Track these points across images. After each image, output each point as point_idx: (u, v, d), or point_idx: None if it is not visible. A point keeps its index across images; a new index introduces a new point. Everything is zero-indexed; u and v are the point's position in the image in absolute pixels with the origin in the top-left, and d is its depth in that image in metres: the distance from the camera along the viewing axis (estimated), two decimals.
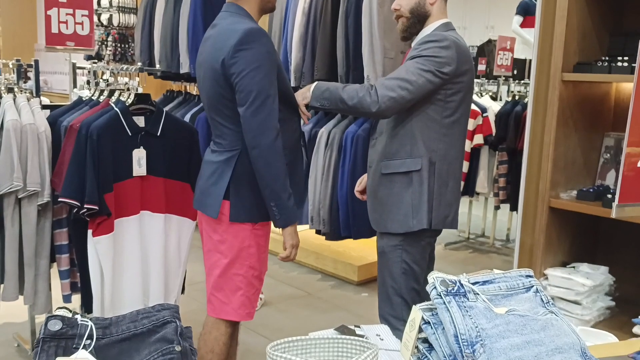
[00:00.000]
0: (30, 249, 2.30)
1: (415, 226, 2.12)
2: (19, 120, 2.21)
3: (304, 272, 4.16)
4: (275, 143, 1.88)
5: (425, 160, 2.10)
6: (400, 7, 2.14)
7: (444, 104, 2.07)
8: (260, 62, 1.86)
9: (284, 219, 1.97)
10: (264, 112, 1.86)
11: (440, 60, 2.01)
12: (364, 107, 2.01)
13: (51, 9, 2.53)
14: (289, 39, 3.83)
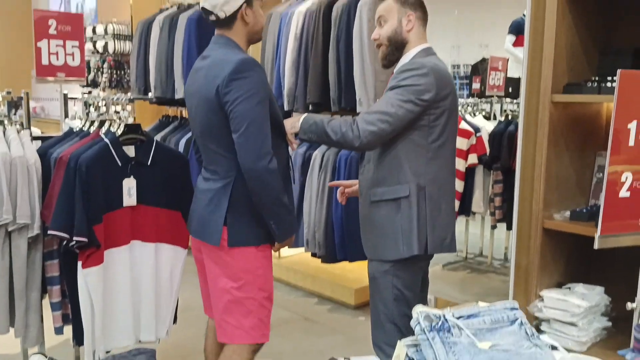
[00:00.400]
0: (21, 281, 2.29)
1: (405, 253, 2.11)
2: (9, 153, 2.22)
3: (300, 296, 4.13)
4: (270, 166, 1.94)
5: (413, 185, 2.10)
6: (379, 36, 2.20)
7: (428, 129, 2.08)
8: (254, 90, 1.92)
9: (284, 233, 2.07)
10: (258, 137, 1.92)
11: (419, 88, 2.03)
12: (347, 142, 2.05)
13: (41, 41, 2.54)
14: (281, 63, 3.86)
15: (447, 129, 2.12)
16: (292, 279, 4.29)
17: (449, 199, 2.22)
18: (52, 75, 2.62)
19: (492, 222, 4.53)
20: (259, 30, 2.11)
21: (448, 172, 2.19)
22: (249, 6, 2.03)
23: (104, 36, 5.61)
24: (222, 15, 1.99)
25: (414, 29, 2.17)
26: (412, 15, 2.16)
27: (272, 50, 3.97)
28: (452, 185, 2.24)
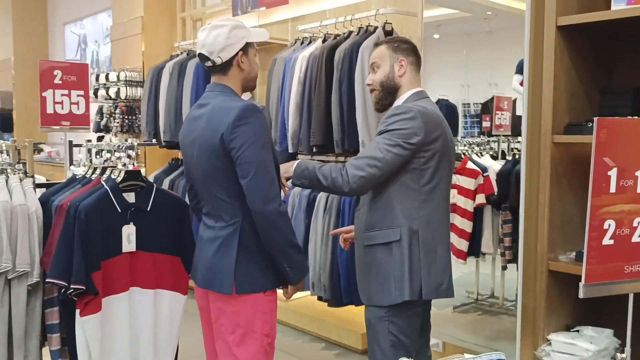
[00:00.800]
0: (20, 330, 2.29)
1: (397, 298, 2.08)
2: (10, 202, 2.25)
3: (307, 341, 4.07)
4: (280, 208, 1.97)
5: (405, 229, 2.09)
6: (372, 81, 2.24)
7: (419, 172, 2.09)
8: (258, 135, 1.96)
9: (298, 275, 2.08)
10: (266, 181, 1.95)
11: (407, 132, 2.04)
12: (337, 187, 2.07)
13: (46, 91, 2.61)
14: (286, 107, 3.90)
15: (439, 172, 2.13)
16: (299, 322, 4.23)
17: (445, 242, 2.20)
18: (56, 124, 2.68)
19: (502, 263, 4.46)
20: (253, 77, 2.16)
21: (442, 215, 2.18)
22: (245, 54, 2.08)
23: (116, 83, 5.74)
24: (219, 61, 2.04)
25: (406, 74, 2.21)
26: (404, 60, 2.20)
27: (277, 93, 4.03)
28: (447, 228, 2.23)
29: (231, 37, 2.03)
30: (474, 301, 4.87)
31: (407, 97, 2.20)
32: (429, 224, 2.12)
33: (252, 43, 2.12)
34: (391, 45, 2.23)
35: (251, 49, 2.12)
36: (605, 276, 1.50)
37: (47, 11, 9.52)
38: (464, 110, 6.16)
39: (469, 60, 9.12)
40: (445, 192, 2.20)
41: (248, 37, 2.08)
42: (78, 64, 2.72)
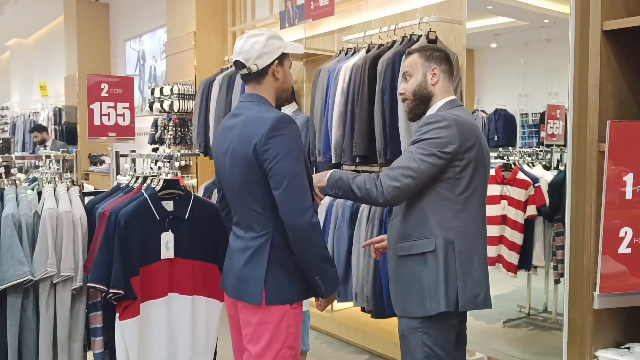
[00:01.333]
0: (64, 332, 2.37)
1: (432, 309, 2.04)
2: (56, 209, 2.34)
3: (351, 352, 4.04)
4: (313, 220, 1.97)
5: (440, 240, 2.05)
6: (404, 90, 2.22)
7: (454, 181, 2.05)
8: (292, 147, 1.96)
9: (330, 287, 2.07)
10: (299, 193, 1.96)
11: (441, 141, 2.01)
12: (371, 198, 2.05)
13: (94, 103, 2.72)
14: (329, 117, 3.91)
15: (474, 181, 2.08)
16: (343, 333, 4.21)
17: (481, 253, 2.15)
18: (103, 135, 2.79)
19: (555, 277, 4.30)
20: (287, 88, 2.16)
21: (478, 225, 2.13)
22: (280, 64, 2.10)
23: (170, 96, 5.92)
24: (254, 69, 2.05)
25: (438, 83, 2.18)
26: (437, 69, 2.18)
27: (321, 104, 4.05)
28: (483, 239, 2.18)
29: (268, 46, 2.05)
30: (525, 316, 4.71)
31: (441, 106, 2.17)
32: (465, 234, 2.08)
33: (287, 54, 2.14)
34: (423, 54, 2.21)
35: (286, 60, 2.14)
36: (623, 287, 1.41)
37: (110, 29, 9.94)
38: (522, 120, 6.01)
39: (528, 70, 8.92)
40: (481, 202, 2.16)
41: (284, 47, 2.11)
42: (124, 77, 2.83)
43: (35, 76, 13.34)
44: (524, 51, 6.30)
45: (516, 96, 6.38)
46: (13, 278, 2.21)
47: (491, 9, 4.76)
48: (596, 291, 1.44)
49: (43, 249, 2.29)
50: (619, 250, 1.44)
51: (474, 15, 4.94)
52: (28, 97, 13.17)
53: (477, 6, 4.64)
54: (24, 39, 14.16)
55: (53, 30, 12.22)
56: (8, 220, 2.25)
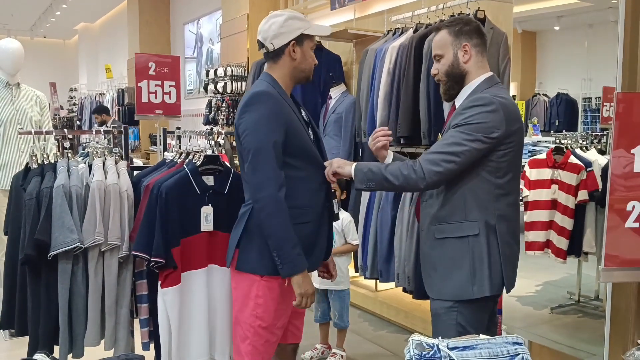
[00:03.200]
0: (111, 298, 2.51)
1: (476, 293, 2.03)
2: (104, 181, 2.47)
3: (392, 331, 4.07)
4: (277, 195, 1.99)
5: (482, 223, 2.02)
6: (437, 71, 2.15)
7: (496, 165, 2.01)
8: (261, 122, 2.01)
9: (287, 269, 2.02)
10: (263, 167, 2.00)
11: (488, 126, 1.95)
12: (410, 185, 2.01)
13: (142, 82, 2.82)
14: (375, 98, 3.92)
15: (513, 165, 2.05)
16: (385, 313, 4.24)
17: (517, 236, 2.12)
18: (151, 113, 2.90)
19: None
20: (305, 69, 2.17)
21: (515, 209, 2.10)
22: (299, 44, 2.12)
23: (223, 78, 6.04)
24: (271, 48, 2.11)
25: (471, 59, 2.10)
26: (468, 45, 2.09)
27: (367, 85, 4.05)
28: (518, 222, 2.15)
29: (285, 26, 2.08)
30: (574, 303, 4.60)
31: (479, 84, 2.09)
32: (504, 218, 2.05)
33: (310, 36, 2.14)
34: (452, 30, 2.11)
35: (308, 41, 2.15)
36: (630, 261, 1.37)
37: (170, 12, 10.20)
38: (584, 104, 5.82)
39: (592, 53, 8.58)
40: (517, 185, 2.12)
41: (305, 29, 2.12)
42: (170, 56, 2.93)
43: (101, 59, 13.86)
44: (588, 34, 6.08)
45: (579, 80, 6.17)
46: (63, 245, 2.35)
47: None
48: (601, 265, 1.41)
49: (91, 218, 2.42)
50: (626, 224, 1.40)
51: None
52: (95, 79, 13.71)
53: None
54: (91, 22, 14.71)
55: (118, 15, 12.64)
56: (59, 190, 2.39)
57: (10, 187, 2.65)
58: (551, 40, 5.47)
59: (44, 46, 16.49)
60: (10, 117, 4.06)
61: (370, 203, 4.00)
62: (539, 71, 5.30)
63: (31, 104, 4.20)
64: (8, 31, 14.58)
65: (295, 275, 2.03)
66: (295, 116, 2.11)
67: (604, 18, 5.21)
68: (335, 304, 3.46)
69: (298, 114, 2.15)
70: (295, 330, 2.37)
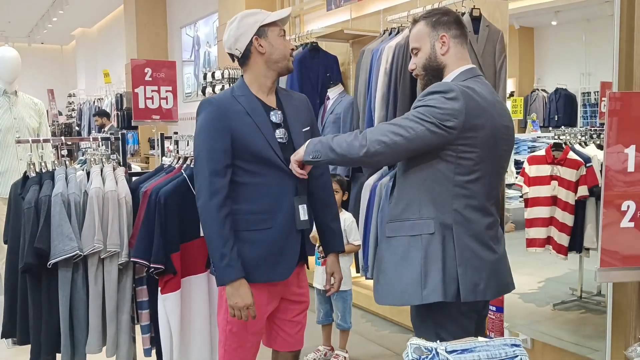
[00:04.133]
0: (112, 304, 2.51)
1: (427, 297, 1.85)
2: (102, 188, 2.47)
3: (396, 331, 4.07)
4: (208, 204, 1.99)
5: (438, 222, 1.87)
6: (415, 65, 2.05)
7: (456, 160, 1.86)
8: (199, 130, 2.04)
9: (217, 278, 2.05)
10: (198, 176, 2.03)
11: (444, 112, 1.80)
12: (351, 152, 1.86)
13: (138, 87, 2.82)
14: (373, 98, 3.91)
15: (480, 166, 1.89)
16: (388, 313, 4.24)
17: (484, 240, 1.93)
18: (147, 118, 2.90)
19: None
20: (279, 58, 2.10)
21: (483, 211, 1.93)
22: (261, 37, 2.08)
23: (221, 80, 6.04)
24: (238, 53, 2.10)
25: (450, 51, 1.97)
26: (446, 36, 1.96)
27: (365, 85, 4.04)
28: (488, 225, 1.95)
29: (241, 27, 2.07)
30: (577, 299, 4.59)
31: (455, 76, 1.95)
32: (465, 219, 1.89)
33: (271, 25, 2.09)
34: (429, 21, 1.98)
35: (270, 30, 2.08)
36: (626, 261, 1.36)
37: (166, 16, 10.20)
38: (583, 99, 5.82)
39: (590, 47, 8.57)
40: (489, 188, 1.94)
41: (262, 20, 2.08)
42: (166, 61, 2.93)
43: (99, 64, 13.86)
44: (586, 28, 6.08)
45: (578, 75, 6.16)
46: (63, 253, 2.35)
47: None
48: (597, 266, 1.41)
49: (90, 225, 2.42)
50: (621, 224, 1.39)
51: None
52: (93, 84, 13.71)
53: None
54: (88, 28, 14.72)
55: (115, 19, 12.65)
56: (57, 198, 2.39)
57: (9, 196, 2.65)
58: (549, 36, 5.46)
59: (42, 52, 16.51)
60: (8, 125, 4.07)
61: (370, 203, 3.99)
62: (537, 67, 5.29)
63: (29, 111, 4.21)
64: (5, 38, 14.59)
65: (226, 286, 2.01)
66: (250, 119, 2.05)
67: (601, 12, 5.20)
68: (337, 305, 3.46)
69: (259, 115, 2.07)
70: (289, 338, 2.29)
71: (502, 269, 2.00)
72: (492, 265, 1.94)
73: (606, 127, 1.44)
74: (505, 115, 1.99)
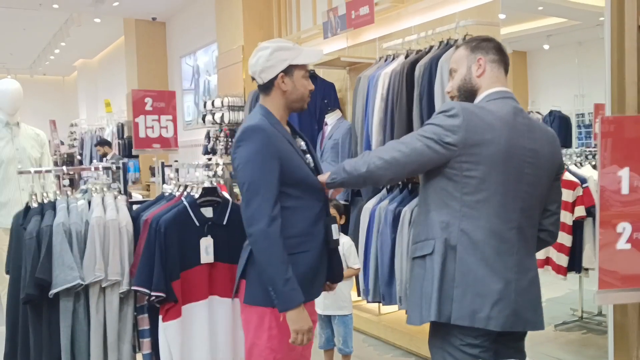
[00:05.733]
0: (113, 334, 2.52)
1: (425, 317, 1.88)
2: (103, 217, 2.50)
3: (398, 355, 4.06)
4: (267, 230, 1.97)
5: (440, 242, 1.88)
6: (451, 88, 2.09)
7: (461, 179, 1.87)
8: (252, 156, 2.01)
9: (280, 304, 1.99)
10: (255, 202, 1.99)
11: (442, 129, 1.86)
12: (357, 169, 1.98)
13: (138, 117, 2.88)
14: (370, 123, 3.97)
15: (487, 184, 1.87)
16: (389, 337, 4.23)
17: (493, 264, 1.88)
18: (148, 147, 2.95)
19: None
20: (297, 99, 2.15)
21: (490, 233, 1.88)
22: (288, 75, 2.11)
23: (220, 108, 6.12)
24: (260, 82, 2.13)
25: (485, 74, 1.99)
26: (482, 59, 2.00)
27: (362, 111, 4.11)
28: (496, 247, 1.89)
29: (271, 59, 2.09)
30: (578, 319, 4.59)
31: (482, 98, 1.98)
32: (470, 242, 1.86)
33: (299, 65, 2.13)
34: (469, 45, 2.05)
35: (298, 70, 2.12)
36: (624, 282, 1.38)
37: (166, 46, 10.34)
38: (577, 120, 5.88)
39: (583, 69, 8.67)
40: (497, 209, 1.89)
41: (292, 59, 2.10)
42: (166, 91, 2.99)
43: (100, 94, 14.01)
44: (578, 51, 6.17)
45: (572, 97, 6.24)
46: (64, 283, 2.36)
47: (542, 9, 4.71)
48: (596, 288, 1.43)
49: (91, 255, 2.44)
50: (617, 246, 1.41)
51: (525, 17, 4.89)
52: (94, 114, 13.84)
53: (528, 8, 4.61)
54: (89, 59, 14.90)
55: (115, 50, 12.81)
56: (59, 228, 2.42)
57: (11, 227, 2.67)
58: (541, 59, 5.55)
59: (44, 83, 16.68)
60: (10, 156, 4.11)
61: (370, 226, 4.02)
62: (531, 89, 5.37)
63: (31, 142, 4.26)
64: (8, 70, 14.76)
65: (289, 311, 1.99)
66: (291, 146, 2.11)
67: (593, 35, 5.29)
68: (339, 330, 3.46)
69: (294, 143, 2.15)
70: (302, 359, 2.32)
71: (521, 302, 1.90)
72: (503, 295, 1.87)
73: (599, 151, 1.48)
74: (533, 138, 1.95)
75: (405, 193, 3.93)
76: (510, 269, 1.90)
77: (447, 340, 1.93)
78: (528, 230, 1.97)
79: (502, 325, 1.86)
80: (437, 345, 1.99)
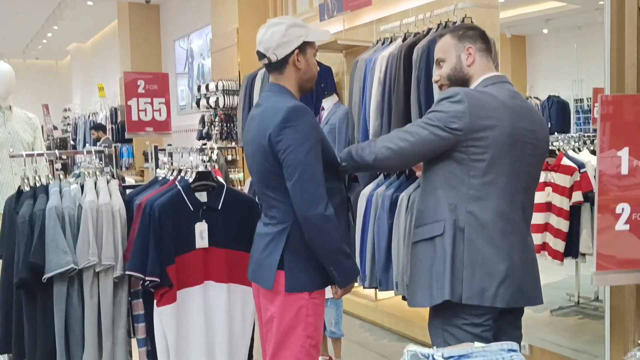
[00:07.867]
0: (108, 319, 2.49)
1: (436, 298, 1.91)
2: (96, 201, 2.46)
3: (394, 340, 4.06)
4: (325, 213, 1.94)
5: (449, 223, 1.91)
6: (439, 77, 2.10)
7: (469, 162, 1.89)
8: (305, 137, 1.93)
9: (344, 279, 2.05)
10: (311, 185, 1.93)
11: (448, 115, 1.87)
12: (363, 159, 2.01)
13: (131, 100, 2.83)
14: (367, 108, 3.92)
15: (496, 166, 1.90)
16: (386, 322, 4.23)
17: (499, 244, 1.92)
18: (141, 130, 2.90)
19: None
20: (310, 78, 2.12)
21: (497, 214, 1.92)
22: (302, 53, 2.06)
23: (215, 92, 6.05)
24: (274, 59, 2.03)
25: (475, 62, 2.02)
26: (472, 48, 2.02)
27: (359, 95, 4.05)
28: (503, 228, 1.93)
29: (287, 35, 2.02)
30: (574, 304, 4.59)
31: (478, 84, 2.00)
32: (478, 223, 1.90)
33: (311, 43, 2.09)
34: (456, 34, 2.05)
35: (310, 48, 2.09)
36: (622, 264, 1.37)
37: (160, 29, 10.23)
38: (576, 106, 5.86)
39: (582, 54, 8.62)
40: (503, 191, 1.93)
41: (306, 36, 2.06)
42: (159, 73, 2.94)
43: (94, 78, 13.89)
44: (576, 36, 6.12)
45: (570, 82, 6.21)
46: (58, 267, 2.33)
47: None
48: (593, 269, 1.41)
49: (85, 239, 2.41)
50: (616, 227, 1.39)
51: (524, 0, 4.84)
52: (88, 99, 13.73)
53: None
54: (82, 43, 14.76)
55: (109, 34, 12.68)
56: (52, 212, 2.38)
57: (4, 211, 2.64)
58: (540, 44, 5.51)
59: (37, 68, 16.53)
60: (2, 139, 4.06)
61: (366, 212, 3.99)
62: (530, 75, 5.33)
63: (23, 126, 4.20)
64: (0, 54, 14.60)
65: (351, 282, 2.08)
66: (321, 130, 2.07)
67: (592, 20, 5.24)
68: (330, 311, 3.44)
69: None
70: None
71: (524, 280, 1.97)
72: (509, 273, 1.91)
73: (599, 131, 1.45)
74: (531, 119, 1.99)
75: (403, 179, 3.89)
76: (515, 248, 1.95)
77: (449, 320, 1.95)
78: (529, 210, 2.05)
79: (508, 302, 1.91)
80: (437, 326, 2.00)
